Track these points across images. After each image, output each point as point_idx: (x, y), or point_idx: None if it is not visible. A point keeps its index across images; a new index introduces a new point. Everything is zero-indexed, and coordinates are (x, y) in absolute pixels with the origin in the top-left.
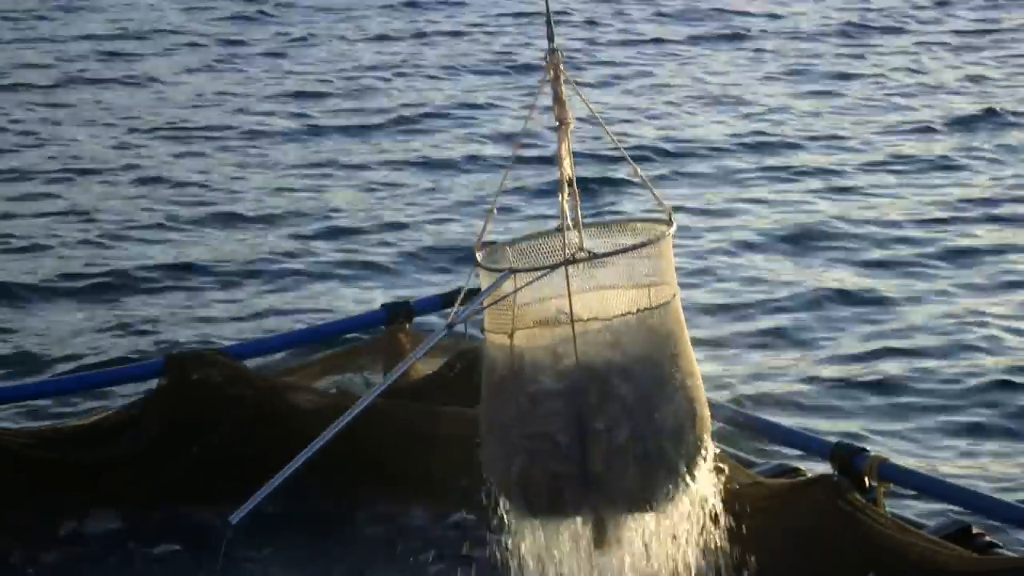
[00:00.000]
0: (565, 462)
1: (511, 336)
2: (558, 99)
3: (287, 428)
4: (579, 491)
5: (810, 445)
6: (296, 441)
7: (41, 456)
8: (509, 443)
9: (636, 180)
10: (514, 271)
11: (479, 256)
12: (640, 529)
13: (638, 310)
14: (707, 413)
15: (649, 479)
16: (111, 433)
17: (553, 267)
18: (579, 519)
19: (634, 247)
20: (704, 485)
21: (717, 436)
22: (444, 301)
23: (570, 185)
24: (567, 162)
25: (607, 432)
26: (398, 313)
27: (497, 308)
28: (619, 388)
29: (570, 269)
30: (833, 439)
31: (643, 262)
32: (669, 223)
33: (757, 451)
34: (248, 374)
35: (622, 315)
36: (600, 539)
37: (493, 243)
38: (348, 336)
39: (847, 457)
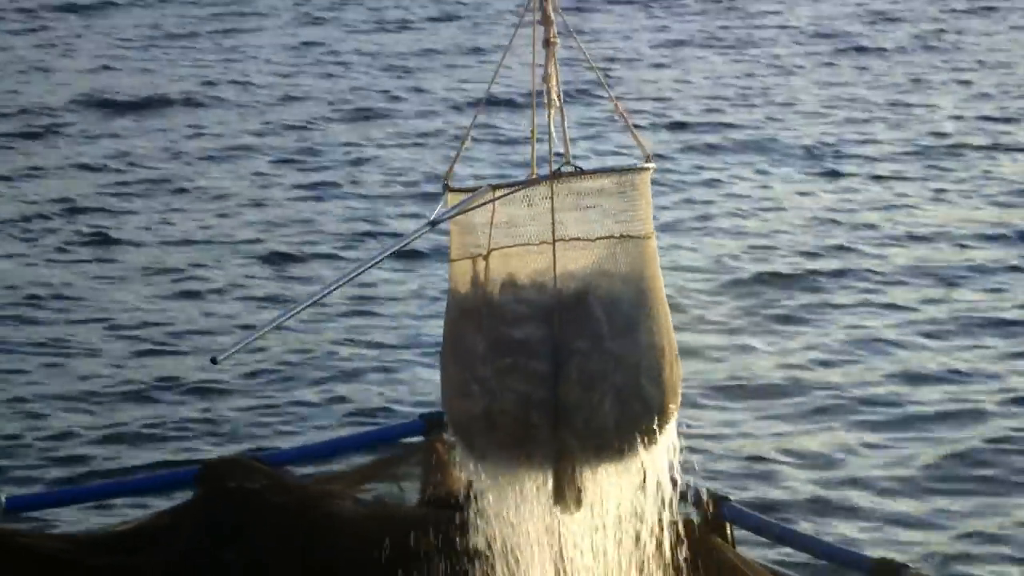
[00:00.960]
0: (539, 387)
1: (486, 258)
2: (546, 18)
3: (325, 536)
4: (549, 427)
5: (850, 559)
6: (334, 549)
7: (76, 561)
8: (478, 374)
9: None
10: (494, 187)
11: (450, 187)
12: (603, 490)
13: (621, 235)
14: (679, 365)
15: (624, 415)
16: (146, 540)
17: (537, 180)
18: (540, 478)
19: (621, 169)
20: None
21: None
22: None
23: (557, 104)
24: (554, 81)
25: (584, 358)
26: (436, 423)
27: (470, 232)
28: (598, 314)
29: (547, 203)
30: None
31: (622, 201)
32: (648, 163)
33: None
34: (285, 481)
35: (605, 237)
36: (561, 493)
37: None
38: (385, 444)
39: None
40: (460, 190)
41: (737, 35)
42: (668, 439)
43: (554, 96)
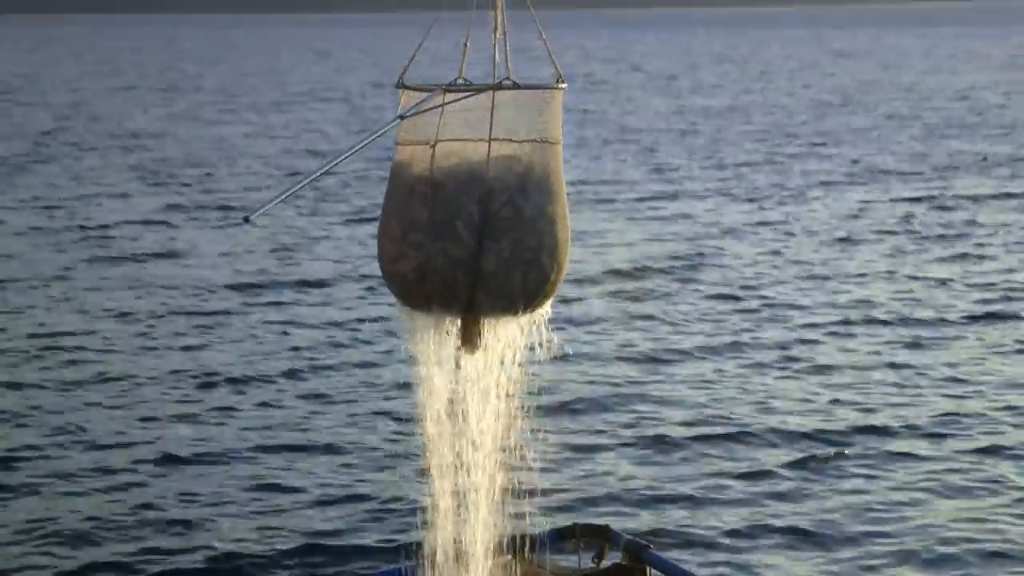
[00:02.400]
0: (465, 254)
1: (433, 147)
2: None
3: None
4: (468, 286)
5: None
6: None
7: None
8: (413, 238)
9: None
10: (446, 89)
11: (404, 86)
12: (498, 337)
13: (540, 140)
14: (568, 248)
15: (527, 283)
16: None
17: (481, 88)
18: (451, 324)
19: (544, 87)
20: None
21: None
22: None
23: (500, 29)
24: (500, 7)
25: (503, 235)
26: None
27: (420, 123)
28: (518, 201)
29: (487, 108)
30: None
31: (542, 113)
32: (560, 83)
33: None
34: None
35: (528, 140)
36: (468, 338)
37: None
38: None
39: None
40: (415, 88)
41: None
42: (550, 301)
43: (500, 23)
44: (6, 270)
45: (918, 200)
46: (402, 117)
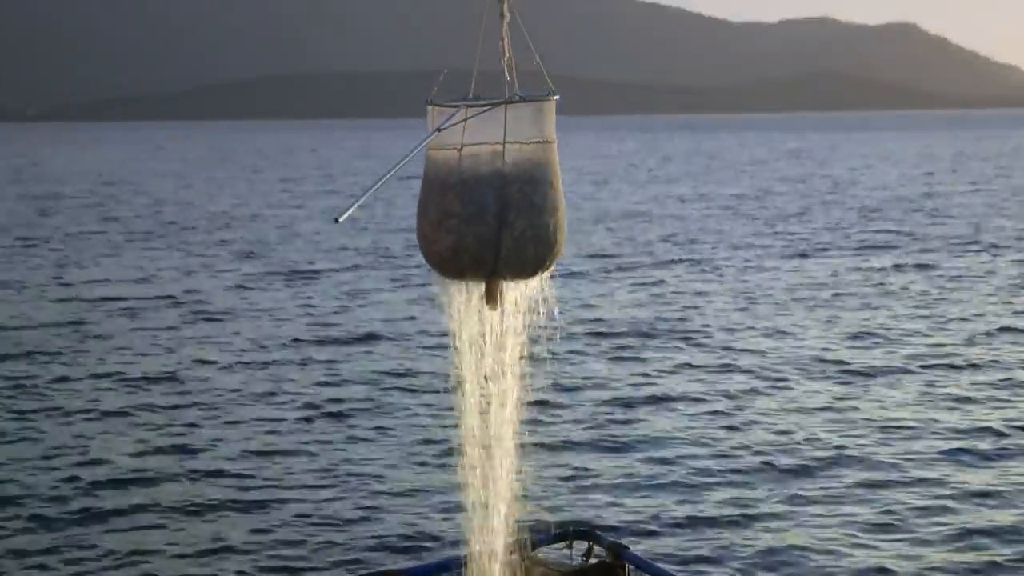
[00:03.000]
0: (489, 234)
1: (460, 151)
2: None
3: None
4: (491, 259)
5: None
6: None
7: None
8: (448, 224)
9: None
10: (468, 105)
11: (433, 103)
12: (513, 293)
13: (541, 140)
14: (565, 226)
15: (537, 255)
16: None
17: (498, 103)
18: (477, 288)
19: (545, 96)
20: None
21: None
22: None
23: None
24: (507, 41)
25: (517, 218)
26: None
27: (447, 133)
28: (528, 190)
29: (501, 113)
30: None
31: (541, 119)
32: (553, 95)
33: None
34: None
35: (532, 141)
36: (491, 298)
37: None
38: None
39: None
40: (442, 105)
41: None
42: (552, 268)
43: (507, 49)
44: (118, 324)
45: (850, 268)
46: (439, 130)
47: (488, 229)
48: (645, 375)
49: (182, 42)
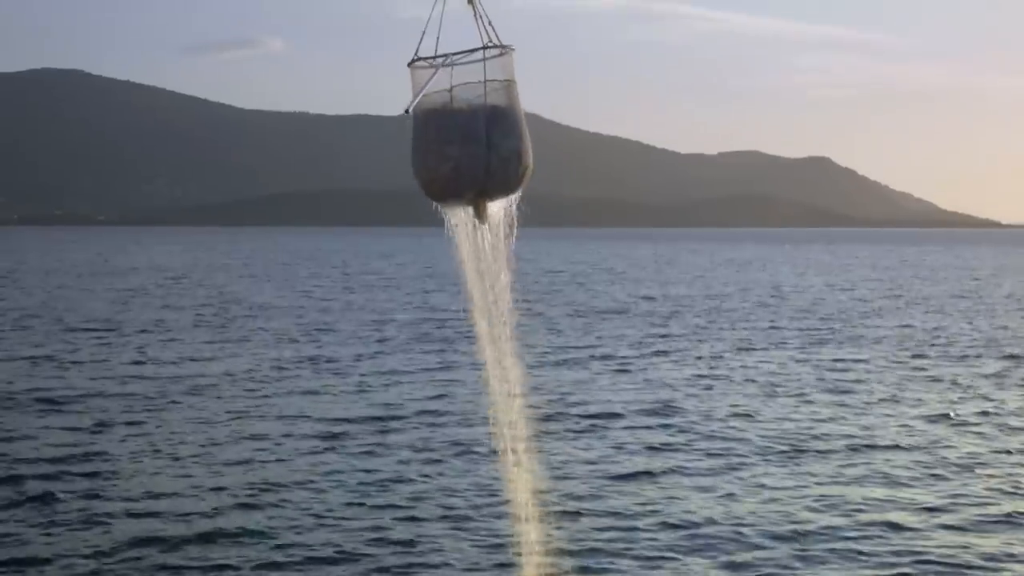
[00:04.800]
0: (481, 156)
1: (451, 91)
2: None
3: None
4: (483, 178)
5: None
6: None
7: None
8: (449, 150)
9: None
10: (451, 54)
11: (413, 65)
12: (496, 208)
13: (508, 80)
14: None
15: (517, 173)
16: None
17: (476, 49)
18: (469, 208)
19: (509, 47)
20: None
21: None
22: None
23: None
24: (478, 5)
25: (500, 142)
26: None
27: (436, 81)
28: (505, 117)
29: (479, 64)
30: None
31: (505, 66)
32: (512, 48)
33: None
34: None
35: (503, 80)
36: (480, 213)
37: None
38: None
39: None
40: (427, 58)
41: None
42: (524, 185)
43: (479, 8)
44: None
45: (798, 360)
46: (436, 69)
47: (481, 150)
48: (622, 450)
49: (230, 160)
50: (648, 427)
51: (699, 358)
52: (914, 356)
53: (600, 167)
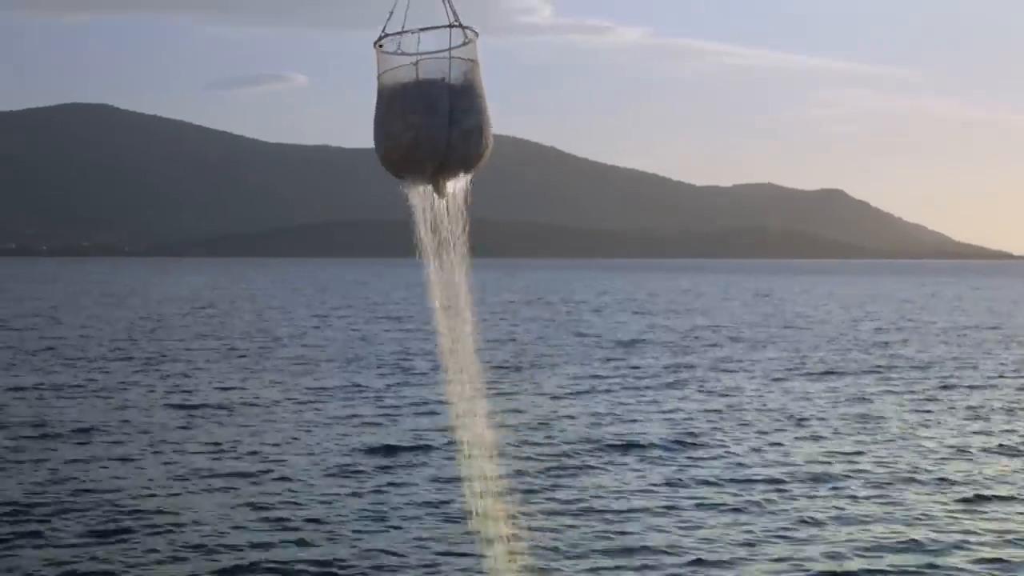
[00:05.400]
0: (443, 130)
1: (416, 65)
2: None
3: None
4: (443, 150)
5: None
6: None
7: None
8: (412, 119)
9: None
10: (418, 30)
11: (379, 45)
12: (454, 185)
13: (472, 59)
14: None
15: (477, 149)
16: None
17: (445, 26)
18: (429, 186)
19: (473, 29)
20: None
21: None
22: None
23: None
24: None
25: (463, 117)
26: None
27: (406, 50)
28: (468, 94)
29: (446, 39)
30: None
31: (470, 48)
32: (476, 32)
33: None
34: None
35: (467, 58)
36: (439, 188)
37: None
38: None
39: None
40: (393, 34)
41: None
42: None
43: None
44: (215, 423)
45: (822, 391)
46: (422, 30)
47: (442, 122)
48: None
49: (255, 192)
50: (670, 458)
51: (721, 389)
52: (941, 387)
53: (617, 199)
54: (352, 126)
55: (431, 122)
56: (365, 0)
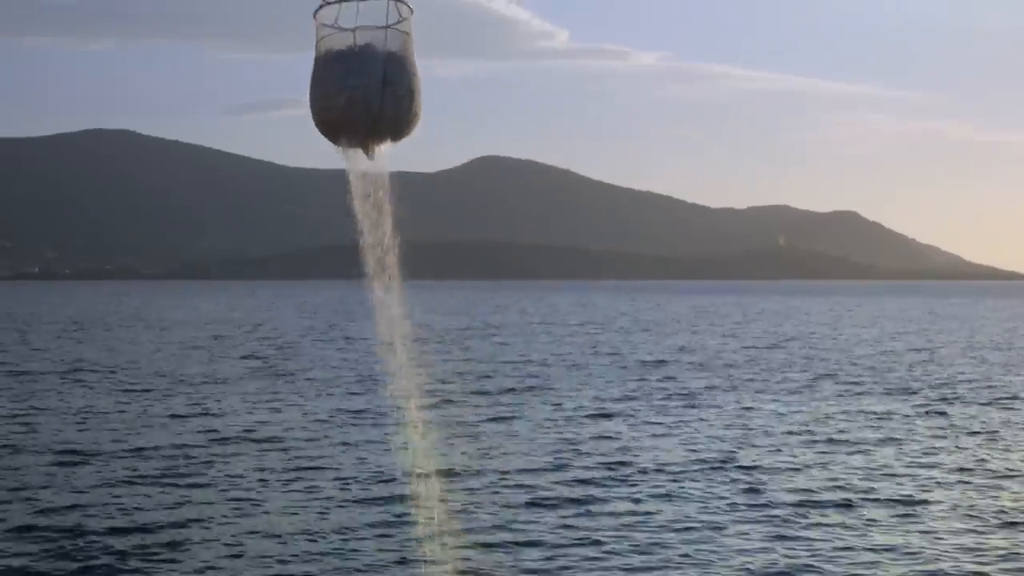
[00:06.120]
0: (376, 93)
1: (354, 32)
2: None
3: None
4: (376, 112)
5: None
6: None
7: None
8: (348, 82)
9: None
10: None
11: (321, 9)
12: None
13: (407, 32)
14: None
15: (408, 115)
16: None
17: None
18: (358, 145)
19: (408, 7)
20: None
21: None
22: None
23: None
24: None
25: (396, 83)
26: None
27: (344, 20)
28: (402, 62)
29: (384, 10)
30: None
31: (403, 19)
32: (410, 9)
33: None
34: None
35: (404, 31)
36: (368, 150)
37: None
38: None
39: None
40: (333, 1)
41: None
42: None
43: None
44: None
45: (843, 410)
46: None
47: (376, 86)
48: (669, 502)
49: (273, 215)
50: (693, 480)
51: (742, 409)
52: (961, 404)
53: (632, 222)
54: None
55: (366, 84)
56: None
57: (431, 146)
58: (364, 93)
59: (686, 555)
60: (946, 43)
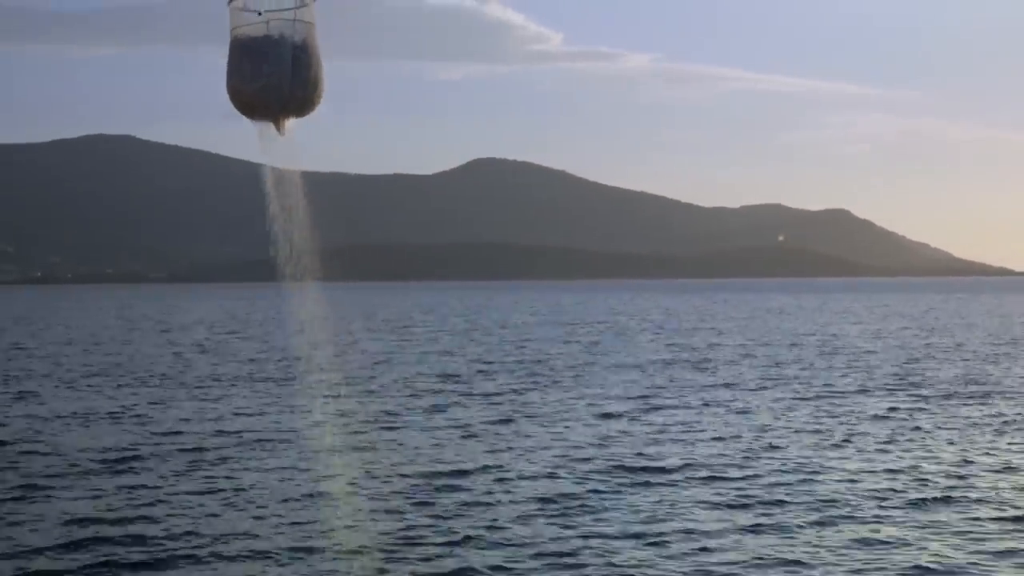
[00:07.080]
0: (286, 78)
1: (268, 23)
2: None
3: None
4: (288, 94)
5: None
6: None
7: None
8: (264, 68)
9: None
10: None
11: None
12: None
13: (311, 21)
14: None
15: (313, 96)
16: None
17: None
18: (271, 125)
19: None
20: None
21: None
22: None
23: None
24: None
25: (303, 69)
26: None
27: (255, 7)
28: (307, 51)
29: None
30: None
31: (309, 12)
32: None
33: None
34: None
35: (309, 22)
36: (280, 127)
37: None
38: None
39: None
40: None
41: None
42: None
43: None
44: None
45: (856, 409)
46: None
47: (287, 71)
48: (683, 504)
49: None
50: (706, 482)
51: (743, 408)
52: (976, 401)
53: (626, 221)
54: (366, 153)
55: (278, 71)
56: (379, 31)
57: (429, 148)
58: (277, 81)
59: (686, 555)
60: (934, 42)
